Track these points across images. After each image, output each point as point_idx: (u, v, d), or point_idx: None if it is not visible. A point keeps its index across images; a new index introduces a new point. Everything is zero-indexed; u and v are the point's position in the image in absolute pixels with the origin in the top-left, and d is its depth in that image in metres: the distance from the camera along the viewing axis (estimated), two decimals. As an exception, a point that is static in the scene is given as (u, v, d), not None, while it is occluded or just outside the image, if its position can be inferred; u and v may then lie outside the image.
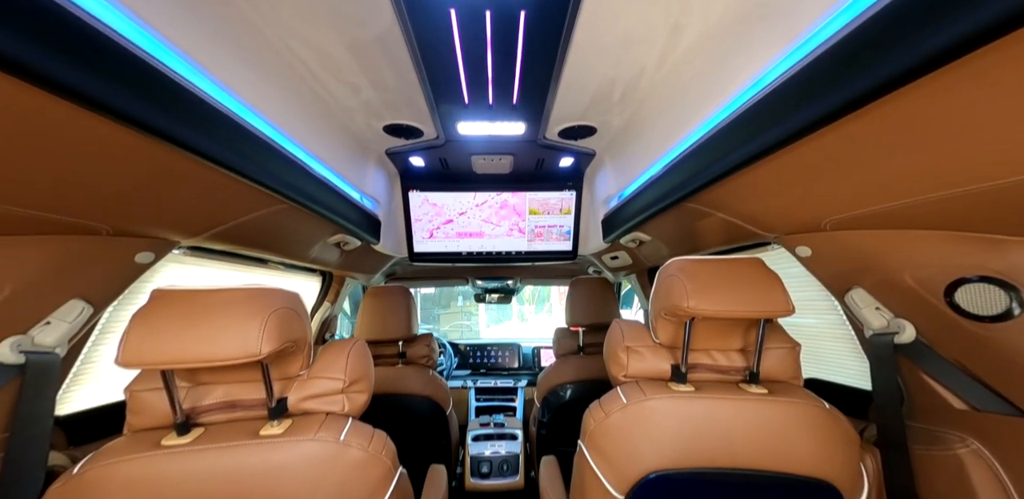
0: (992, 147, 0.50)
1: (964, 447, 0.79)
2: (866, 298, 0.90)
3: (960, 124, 0.49)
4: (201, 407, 0.80)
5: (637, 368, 0.98)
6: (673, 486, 0.83)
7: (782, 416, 0.82)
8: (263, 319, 0.72)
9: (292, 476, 0.72)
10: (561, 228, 1.99)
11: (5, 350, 0.72)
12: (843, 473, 0.83)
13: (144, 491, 0.68)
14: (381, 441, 0.83)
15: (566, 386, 1.77)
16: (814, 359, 1.29)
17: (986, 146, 0.51)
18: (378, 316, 1.75)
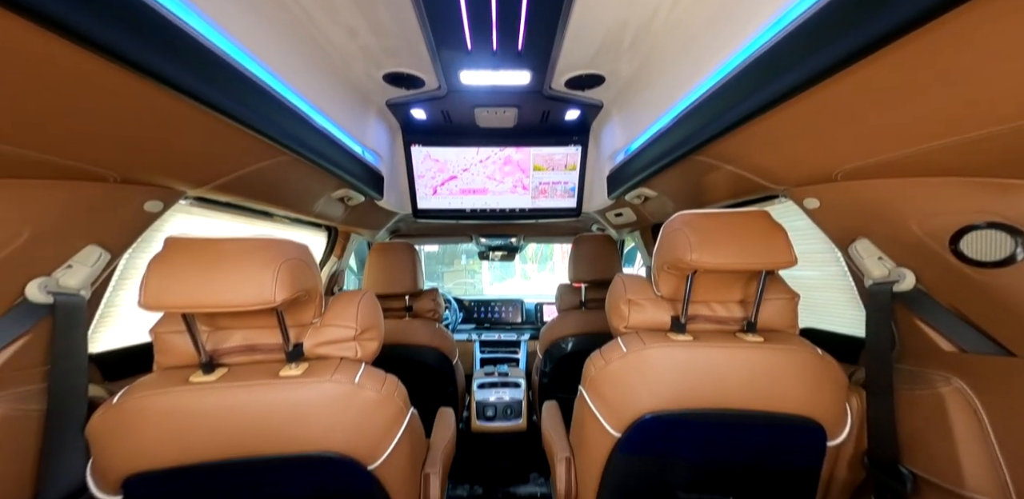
0: (1003, 90, 0.50)
1: (947, 386, 0.83)
2: (870, 248, 0.91)
3: (973, 67, 0.48)
4: (222, 349, 0.84)
5: (638, 320, 1.01)
6: (666, 424, 0.89)
7: (774, 361, 0.86)
8: (275, 268, 0.74)
9: (312, 413, 0.78)
10: (566, 184, 1.97)
11: (34, 290, 0.76)
12: (828, 412, 0.88)
13: (177, 420, 0.74)
14: (393, 384, 0.88)
15: (568, 339, 1.83)
16: (813, 310, 1.33)
17: (997, 89, 0.50)
18: (384, 271, 1.79)
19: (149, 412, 0.73)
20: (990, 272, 0.72)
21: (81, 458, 0.79)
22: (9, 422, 0.75)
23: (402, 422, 0.88)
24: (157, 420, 0.73)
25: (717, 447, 0.92)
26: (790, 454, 0.91)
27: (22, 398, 0.77)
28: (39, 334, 0.80)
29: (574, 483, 1.06)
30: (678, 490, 0.96)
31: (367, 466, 0.82)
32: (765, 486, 0.95)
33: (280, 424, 0.77)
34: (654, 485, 0.96)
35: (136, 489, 0.77)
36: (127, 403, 0.74)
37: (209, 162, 0.90)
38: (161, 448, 0.75)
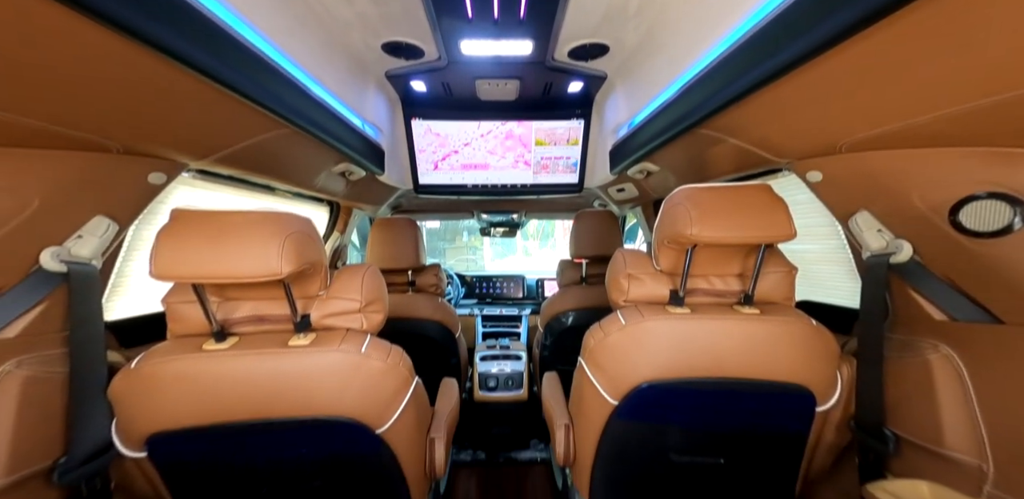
0: (1007, 58, 0.49)
1: (935, 353, 0.85)
2: (870, 221, 0.91)
3: (977, 35, 0.48)
4: (232, 319, 0.87)
5: (637, 293, 1.02)
6: (662, 392, 0.92)
7: (769, 332, 0.88)
8: (280, 241, 0.75)
9: (321, 380, 0.81)
10: (568, 160, 1.95)
11: (47, 258, 0.78)
12: (818, 379, 0.90)
13: (193, 384, 0.77)
14: (398, 354, 0.91)
15: (568, 313, 1.86)
16: (811, 283, 1.34)
17: (1002, 57, 0.49)
18: (387, 246, 1.80)
19: (166, 377, 0.77)
20: (986, 242, 0.73)
21: (105, 418, 0.83)
22: (35, 383, 0.78)
23: (407, 390, 0.92)
24: (174, 384, 0.77)
25: (710, 413, 0.95)
26: (780, 419, 0.95)
27: (45, 361, 0.81)
28: (56, 301, 0.82)
29: (572, 447, 1.11)
30: (672, 453, 1.00)
31: (375, 430, 0.86)
32: (755, 449, 0.99)
33: (291, 390, 0.80)
34: (649, 448, 1.00)
35: (159, 447, 0.82)
36: (145, 368, 0.77)
37: (209, 134, 0.90)
38: (179, 410, 0.78)
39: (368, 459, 0.90)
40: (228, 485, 0.90)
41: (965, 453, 0.77)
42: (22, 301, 0.77)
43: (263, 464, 0.89)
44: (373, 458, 0.90)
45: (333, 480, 0.93)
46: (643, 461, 1.02)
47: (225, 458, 0.86)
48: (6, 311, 0.76)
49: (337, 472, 0.92)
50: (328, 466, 0.91)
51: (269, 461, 0.89)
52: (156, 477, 0.87)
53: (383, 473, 0.94)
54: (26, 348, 0.78)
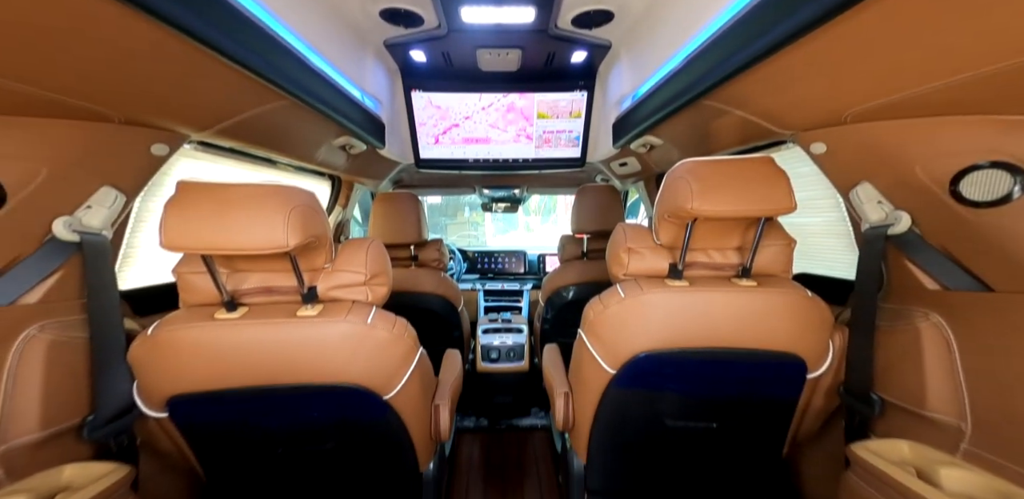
0: (1015, 23, 0.48)
1: (925, 321, 0.87)
2: (871, 192, 0.91)
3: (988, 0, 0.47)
4: (242, 290, 0.89)
5: (637, 267, 1.03)
6: (659, 362, 0.94)
7: (765, 303, 0.90)
8: (286, 214, 0.76)
9: (329, 349, 0.84)
10: (570, 133, 1.92)
11: (60, 228, 0.80)
12: (811, 348, 0.93)
13: (207, 351, 0.80)
14: (403, 325, 0.93)
15: (569, 287, 1.89)
16: (811, 256, 1.35)
17: (1009, 23, 0.49)
18: (389, 221, 1.81)
19: (181, 343, 0.80)
20: (984, 212, 0.74)
21: (127, 380, 0.88)
22: (58, 346, 0.82)
23: (412, 359, 0.95)
24: (189, 351, 0.80)
25: (705, 381, 0.99)
26: (772, 386, 0.98)
27: (66, 327, 0.84)
28: (71, 270, 0.84)
29: (571, 414, 1.15)
30: (666, 418, 1.04)
31: (383, 396, 0.90)
32: (746, 414, 1.03)
33: (301, 358, 0.83)
34: (644, 414, 1.04)
35: (178, 408, 0.86)
36: (161, 335, 0.80)
37: (208, 105, 0.89)
38: (196, 375, 0.82)
39: (376, 423, 0.94)
40: (245, 444, 0.95)
41: (946, 414, 0.81)
42: (39, 269, 0.80)
43: (277, 426, 0.93)
44: (381, 422, 0.94)
45: (344, 442, 0.98)
46: (638, 426, 1.06)
47: (241, 420, 0.90)
48: (25, 278, 0.78)
49: (348, 435, 0.97)
50: (339, 429, 0.95)
51: (283, 424, 0.93)
52: (178, 436, 0.92)
53: (391, 436, 0.98)
54: (47, 313, 0.81)
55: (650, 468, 1.15)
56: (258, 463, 1.00)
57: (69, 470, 0.81)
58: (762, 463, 1.13)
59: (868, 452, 0.84)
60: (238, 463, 1.00)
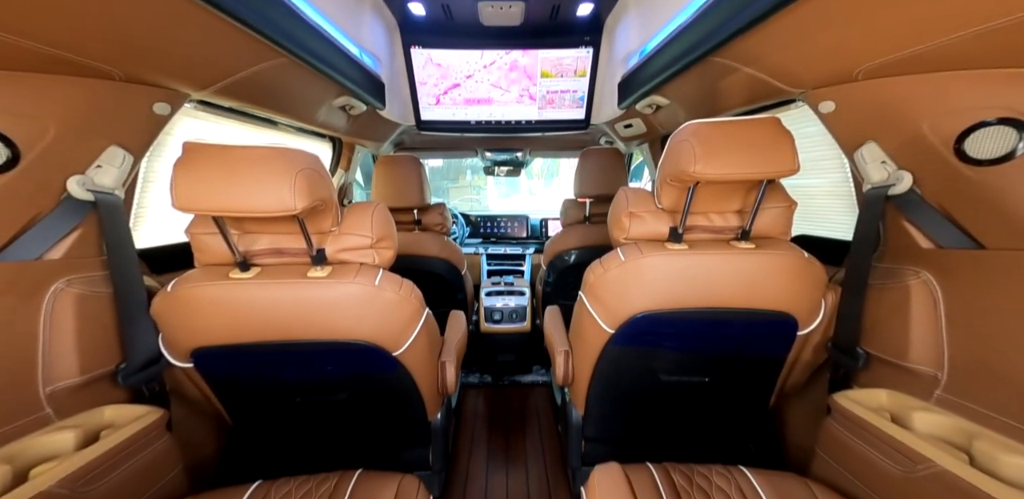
0: None
1: (916, 279, 0.89)
2: (875, 152, 0.90)
3: None
4: (253, 251, 0.91)
5: (638, 231, 1.03)
6: (655, 322, 0.98)
7: (761, 265, 0.91)
8: (292, 177, 0.76)
9: (340, 308, 0.87)
10: (574, 93, 1.87)
11: (74, 186, 0.81)
12: (803, 307, 0.96)
13: (225, 308, 0.84)
14: (409, 287, 0.96)
15: (571, 251, 1.92)
16: (814, 217, 1.35)
17: None
18: (391, 185, 1.81)
19: (200, 301, 0.83)
20: (986, 170, 0.74)
21: (152, 333, 0.92)
22: (86, 300, 0.86)
23: (419, 319, 0.98)
24: (208, 307, 0.84)
25: (699, 339, 1.03)
26: (763, 343, 1.03)
27: (90, 282, 0.88)
28: (89, 228, 0.87)
29: (571, 370, 1.22)
30: (660, 374, 1.10)
31: (392, 353, 0.94)
32: (737, 369, 1.08)
33: (313, 317, 0.87)
34: (640, 370, 1.09)
35: (202, 359, 0.91)
36: (180, 292, 0.83)
37: (207, 61, 0.88)
38: (215, 330, 0.86)
39: (387, 377, 1.00)
40: (265, 394, 1.02)
41: (925, 365, 0.85)
42: (58, 226, 0.82)
43: (293, 378, 0.99)
44: (391, 376, 1.00)
45: (357, 393, 1.04)
46: (634, 380, 1.12)
47: (260, 372, 0.96)
48: (46, 235, 0.81)
49: (360, 387, 1.03)
50: (352, 381, 1.01)
51: (299, 376, 0.99)
52: (203, 384, 0.98)
53: (401, 389, 1.05)
54: (71, 269, 0.85)
55: (643, 418, 1.22)
56: (279, 410, 1.07)
57: (109, 411, 0.88)
58: (750, 413, 1.20)
59: (848, 400, 0.89)
60: (260, 410, 1.07)
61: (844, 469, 0.89)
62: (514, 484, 1.50)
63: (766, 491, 0.86)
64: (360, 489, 0.88)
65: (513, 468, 1.59)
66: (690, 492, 0.87)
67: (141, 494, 0.86)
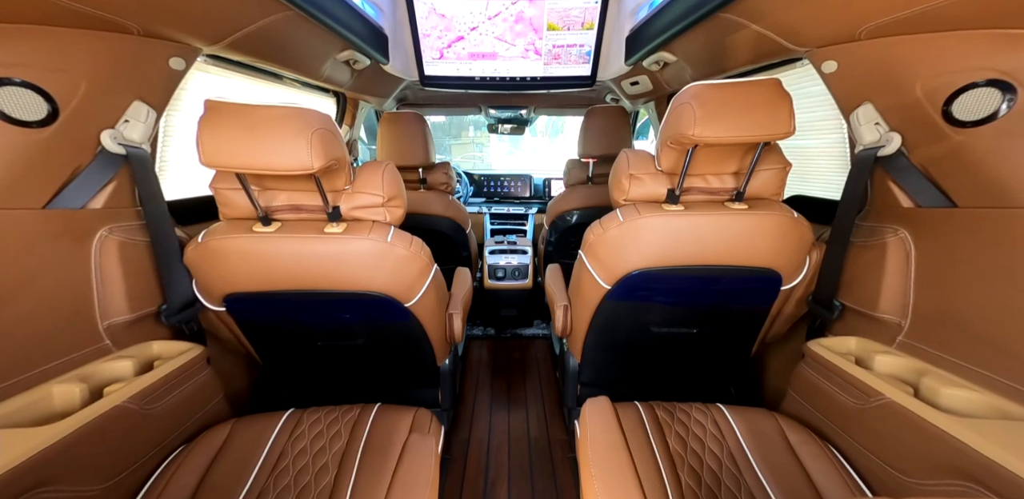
0: None
1: (894, 236, 0.94)
2: (870, 113, 0.92)
3: None
4: (273, 207, 0.96)
5: (637, 193, 1.06)
6: (649, 278, 1.04)
7: (752, 225, 0.96)
8: (308, 137, 0.80)
9: (355, 262, 0.93)
10: (581, 48, 1.81)
11: (107, 140, 0.86)
12: (788, 264, 1.02)
13: (251, 259, 0.91)
14: (419, 244, 1.02)
15: (573, 212, 1.96)
16: (810, 178, 1.37)
17: None
18: (396, 143, 1.82)
19: (228, 251, 0.90)
20: (968, 131, 0.77)
21: (187, 279, 1.00)
22: (127, 247, 0.93)
23: (428, 274, 1.05)
24: (236, 257, 0.91)
25: (689, 294, 1.10)
26: (749, 297, 1.10)
27: (129, 231, 0.94)
28: (123, 180, 0.92)
29: (569, 322, 1.31)
30: (652, 326, 1.18)
31: (404, 304, 1.02)
32: (724, 321, 1.17)
33: (331, 269, 0.93)
34: (633, 322, 1.18)
35: (234, 304, 1.00)
36: (210, 243, 0.90)
37: (218, 16, 0.89)
38: (243, 278, 0.94)
39: (400, 325, 1.09)
40: (290, 337, 1.12)
41: (892, 314, 0.93)
42: (97, 178, 0.87)
43: (314, 324, 1.08)
44: (404, 325, 1.09)
45: (373, 339, 1.14)
46: (627, 332, 1.21)
47: (285, 317, 1.05)
48: (88, 186, 0.86)
49: (376, 333, 1.12)
50: (368, 329, 1.11)
51: (320, 323, 1.08)
52: (235, 327, 1.08)
53: (412, 336, 1.14)
54: (111, 218, 0.91)
55: (635, 365, 1.33)
56: (303, 353, 1.18)
57: (156, 345, 0.98)
58: (733, 361, 1.31)
59: (820, 347, 0.98)
60: (286, 352, 1.18)
61: (809, 405, 1.01)
62: (515, 421, 1.66)
63: (737, 423, 0.97)
64: (380, 418, 0.99)
65: (514, 408, 1.74)
66: (671, 424, 0.99)
67: (192, 415, 0.98)
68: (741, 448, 0.92)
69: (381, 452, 0.89)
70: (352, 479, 0.83)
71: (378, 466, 0.85)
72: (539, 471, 1.42)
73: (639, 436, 0.94)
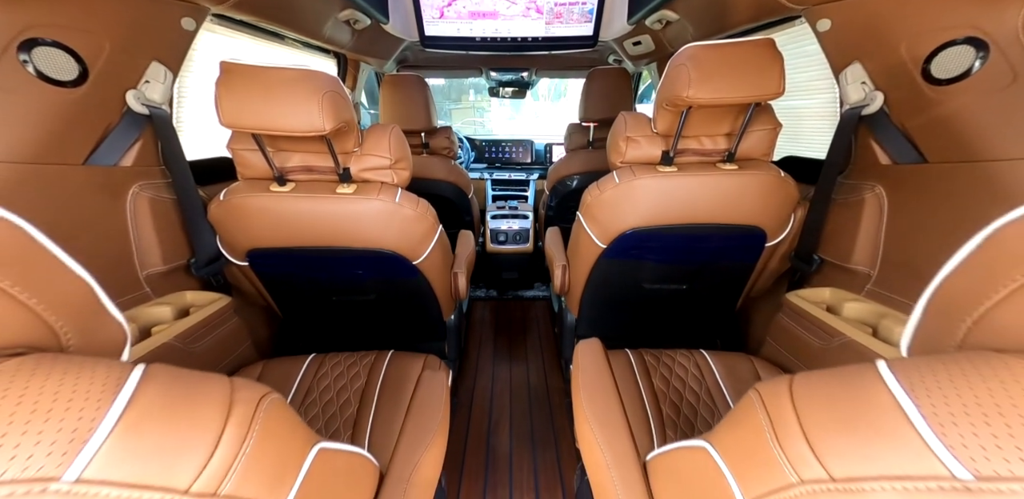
0: None
1: (871, 192, 0.99)
2: (858, 73, 0.94)
3: None
4: (287, 168, 1.00)
5: (633, 155, 1.08)
6: (643, 237, 1.10)
7: (740, 184, 1.00)
8: (319, 99, 0.83)
9: (366, 221, 0.99)
10: (583, 6, 1.78)
11: (132, 101, 0.90)
12: (773, 221, 1.07)
13: (269, 216, 0.97)
14: (425, 205, 1.06)
15: (573, 177, 1.98)
16: (802, 138, 1.40)
17: None
18: (398, 107, 1.82)
19: (249, 209, 0.96)
20: (942, 89, 0.80)
21: (211, 235, 1.07)
22: (156, 204, 1.00)
23: (435, 234, 1.10)
24: (256, 214, 0.97)
25: (679, 252, 1.15)
26: (735, 253, 1.16)
27: (157, 188, 1.00)
28: (148, 139, 0.96)
29: (567, 281, 1.39)
30: (644, 283, 1.25)
31: (413, 262, 1.09)
32: (712, 277, 1.24)
33: (343, 227, 0.99)
34: (627, 279, 1.25)
35: (256, 259, 1.07)
36: (232, 200, 0.95)
37: None
38: (263, 234, 1.00)
39: (408, 282, 1.16)
40: (307, 291, 1.20)
41: (863, 265, 0.99)
42: (126, 137, 0.92)
43: (329, 279, 1.15)
44: (412, 281, 1.16)
45: (383, 294, 1.22)
46: (621, 288, 1.28)
47: (303, 272, 1.12)
48: (118, 144, 0.91)
49: (386, 289, 1.20)
50: (379, 284, 1.18)
51: (334, 278, 1.15)
52: (256, 281, 1.16)
53: (420, 292, 1.21)
54: (140, 176, 0.97)
55: (628, 319, 1.42)
56: (319, 306, 1.27)
57: (189, 294, 1.07)
58: (719, 314, 1.40)
59: (797, 297, 1.07)
60: (303, 305, 1.27)
61: (783, 349, 1.10)
62: (516, 372, 1.79)
63: (716, 365, 1.07)
64: (394, 362, 1.09)
65: (515, 361, 1.87)
66: (656, 367, 1.09)
67: (226, 356, 1.08)
68: (718, 385, 1.02)
69: (397, 386, 0.99)
70: (373, 409, 0.94)
71: (396, 397, 0.96)
72: (538, 413, 1.55)
73: (627, 376, 1.04)
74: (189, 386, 0.30)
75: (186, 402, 0.29)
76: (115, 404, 0.25)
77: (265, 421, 0.32)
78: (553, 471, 1.32)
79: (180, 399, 0.28)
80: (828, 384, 0.31)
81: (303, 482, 0.36)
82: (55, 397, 0.23)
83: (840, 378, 0.31)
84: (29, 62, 0.73)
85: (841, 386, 0.30)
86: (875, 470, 0.25)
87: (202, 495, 0.27)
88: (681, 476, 0.50)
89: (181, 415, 0.28)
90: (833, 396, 0.30)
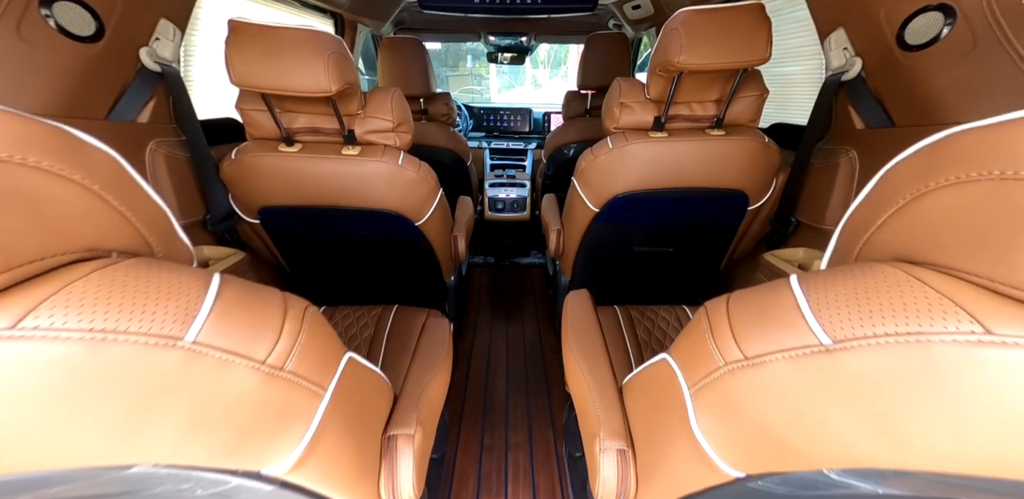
0: None
1: (845, 156, 1.04)
2: (841, 39, 0.97)
3: None
4: (293, 128, 1.04)
5: (626, 121, 1.11)
6: (633, 201, 1.15)
7: (725, 149, 1.04)
8: (325, 60, 0.85)
9: (370, 182, 1.03)
10: (584, -33, 1.76)
11: (145, 58, 0.93)
12: (755, 185, 1.13)
13: (279, 175, 1.01)
14: (427, 168, 1.11)
15: (570, 145, 2.01)
16: (790, 105, 1.43)
17: None
18: (397, 72, 1.82)
19: (260, 167, 1.00)
20: (913, 55, 0.83)
21: (224, 193, 1.11)
22: (172, 161, 1.04)
23: (435, 196, 1.15)
24: (266, 173, 1.01)
25: (667, 215, 1.21)
26: (719, 216, 1.22)
27: (171, 146, 1.04)
28: (161, 97, 1.00)
29: (562, 244, 1.45)
30: (634, 245, 1.31)
31: (415, 222, 1.14)
32: (697, 240, 1.30)
33: (349, 187, 1.04)
34: (617, 242, 1.31)
35: (266, 217, 1.13)
36: (242, 160, 1.00)
37: None
38: (273, 192, 1.05)
39: (411, 242, 1.22)
40: (314, 250, 1.26)
41: (834, 225, 1.06)
42: (142, 94, 0.95)
43: (334, 238, 1.20)
44: (414, 242, 1.22)
45: (387, 254, 1.29)
46: (612, 251, 1.34)
47: (311, 231, 1.18)
48: (134, 101, 0.95)
49: (389, 249, 1.26)
50: (383, 244, 1.24)
51: (340, 237, 1.20)
52: (267, 238, 1.22)
53: (422, 253, 1.28)
54: (156, 133, 1.00)
55: (619, 281, 1.50)
56: (326, 265, 1.34)
57: (207, 249, 1.13)
58: (704, 275, 1.48)
59: (774, 256, 1.14)
60: (311, 263, 1.34)
61: None
62: (512, 331, 1.90)
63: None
64: (399, 315, 1.18)
65: (512, 321, 1.98)
66: (640, 321, 1.18)
67: None
68: None
69: (404, 332, 1.08)
70: (382, 352, 1.03)
71: (403, 342, 1.04)
72: (532, 366, 1.67)
73: (613, 326, 1.13)
74: (254, 291, 0.38)
75: (256, 301, 0.37)
76: (208, 295, 0.33)
77: (310, 324, 0.41)
78: (545, 413, 1.45)
79: (251, 298, 0.37)
80: (755, 295, 0.40)
81: (338, 381, 0.45)
82: (169, 284, 0.31)
83: (764, 289, 0.39)
84: (51, 16, 0.76)
85: (763, 294, 0.38)
86: (773, 347, 0.34)
87: (274, 367, 0.36)
88: (648, 389, 0.59)
89: (253, 309, 0.36)
90: (756, 301, 0.38)
